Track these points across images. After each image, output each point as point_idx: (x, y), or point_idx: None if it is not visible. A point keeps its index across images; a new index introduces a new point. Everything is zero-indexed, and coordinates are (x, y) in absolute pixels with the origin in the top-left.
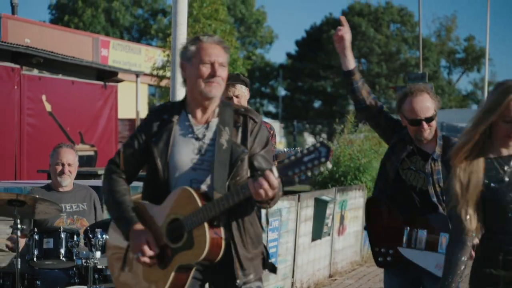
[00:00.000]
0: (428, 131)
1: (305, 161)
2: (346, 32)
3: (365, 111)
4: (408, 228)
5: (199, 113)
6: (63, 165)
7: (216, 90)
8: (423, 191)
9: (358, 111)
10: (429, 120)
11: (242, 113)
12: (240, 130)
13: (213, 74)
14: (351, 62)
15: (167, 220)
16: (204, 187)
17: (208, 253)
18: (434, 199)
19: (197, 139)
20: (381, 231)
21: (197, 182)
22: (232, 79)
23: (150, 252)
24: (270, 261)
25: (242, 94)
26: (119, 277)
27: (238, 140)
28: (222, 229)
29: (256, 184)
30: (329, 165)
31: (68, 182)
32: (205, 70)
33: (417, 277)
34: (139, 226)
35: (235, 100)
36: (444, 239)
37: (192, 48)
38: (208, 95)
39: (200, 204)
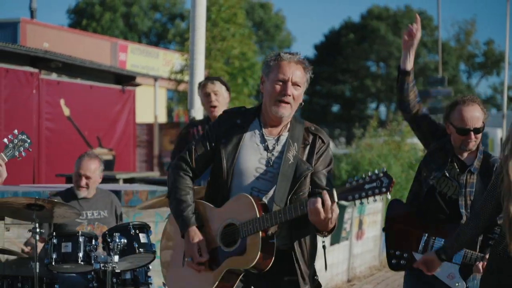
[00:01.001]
0: (473, 143)
1: (365, 188)
2: (418, 30)
3: (408, 114)
4: (427, 235)
5: (271, 125)
6: (80, 176)
7: (285, 110)
8: (452, 199)
9: (401, 110)
10: (477, 131)
11: (312, 132)
12: (308, 148)
13: (284, 93)
14: (411, 63)
15: (224, 224)
16: (264, 198)
17: (258, 262)
18: (462, 210)
19: (266, 149)
20: (398, 233)
21: (257, 190)
22: (213, 78)
23: (200, 259)
24: (317, 277)
25: (220, 92)
26: (169, 268)
27: (304, 157)
28: (275, 241)
29: (313, 202)
30: (389, 196)
31: (84, 194)
32: (277, 88)
33: (430, 283)
34: (194, 230)
35: (213, 96)
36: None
37: (271, 63)
38: (276, 114)
39: (258, 213)
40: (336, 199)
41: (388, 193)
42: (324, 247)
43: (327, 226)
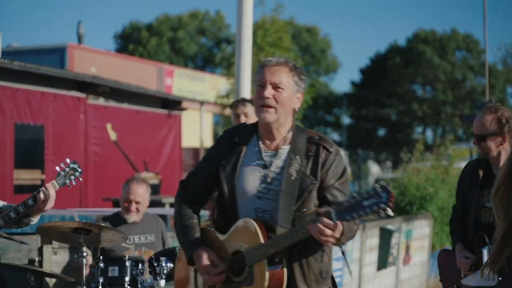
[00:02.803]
0: (482, 150)
1: (364, 206)
2: None
3: None
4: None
5: (268, 138)
6: (130, 202)
7: (268, 114)
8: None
9: None
10: (479, 138)
11: (315, 142)
12: (311, 160)
13: (262, 96)
14: None
15: (230, 252)
16: (268, 218)
17: None
18: None
19: (264, 166)
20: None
21: (262, 211)
22: (245, 100)
23: (217, 270)
24: None
25: (251, 114)
26: None
27: (308, 170)
28: (283, 266)
29: (313, 227)
30: (390, 212)
31: (134, 219)
32: (257, 92)
33: None
34: (202, 249)
35: (243, 118)
36: (485, 251)
37: (257, 71)
38: (261, 120)
39: (262, 239)
40: (334, 219)
41: (387, 208)
42: (343, 252)
43: (338, 242)
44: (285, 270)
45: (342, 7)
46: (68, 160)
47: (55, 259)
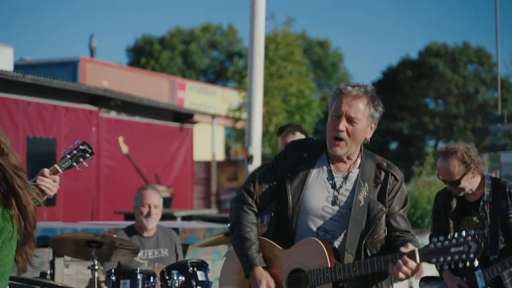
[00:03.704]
0: (459, 191)
1: (451, 252)
2: None
3: None
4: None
5: (339, 160)
6: (149, 206)
7: (339, 148)
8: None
9: None
10: (455, 183)
11: (384, 169)
12: (379, 187)
13: (336, 128)
14: None
15: (290, 268)
16: (332, 239)
17: None
18: (497, 242)
19: (334, 187)
20: None
21: (324, 230)
22: (293, 127)
23: None
24: None
25: None
26: None
27: (376, 196)
28: None
29: (395, 268)
30: (476, 263)
31: (153, 225)
32: (332, 122)
33: None
34: (261, 270)
35: None
36: (478, 275)
37: (333, 96)
38: (331, 152)
39: (329, 263)
40: (418, 261)
41: (475, 260)
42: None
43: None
44: None
45: (354, 20)
46: (78, 142)
47: (67, 272)
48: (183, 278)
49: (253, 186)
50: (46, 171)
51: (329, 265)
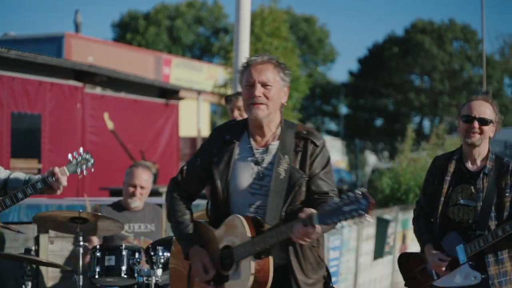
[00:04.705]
0: (478, 135)
1: (345, 211)
2: None
3: None
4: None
5: (258, 135)
6: (135, 187)
7: (259, 111)
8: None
9: None
10: (482, 121)
11: (304, 136)
12: (300, 154)
13: (253, 95)
14: None
15: (221, 246)
16: (264, 215)
17: (253, 286)
18: (487, 218)
19: (256, 163)
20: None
21: (255, 207)
22: (238, 94)
23: (206, 277)
24: (332, 285)
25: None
26: None
27: (297, 165)
28: (270, 262)
29: (293, 234)
30: (369, 219)
31: (137, 204)
32: (247, 92)
33: None
34: (197, 248)
35: (236, 112)
36: (460, 250)
37: (242, 71)
38: (253, 117)
39: (249, 235)
40: (316, 224)
41: (366, 215)
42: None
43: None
44: (270, 259)
45: None
46: (81, 150)
47: (52, 248)
48: (168, 254)
49: (181, 175)
50: (57, 170)
51: (250, 239)
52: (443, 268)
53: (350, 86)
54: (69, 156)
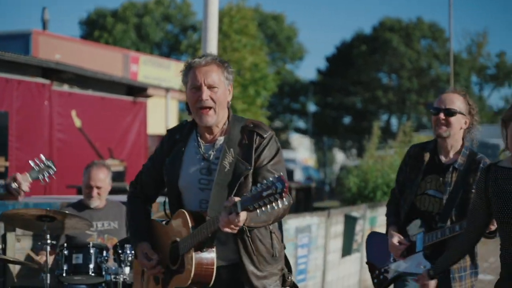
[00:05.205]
0: (444, 127)
1: (264, 196)
2: None
3: None
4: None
5: (206, 132)
6: (91, 188)
7: (209, 117)
8: (436, 214)
9: None
10: (448, 112)
11: (250, 129)
12: (245, 147)
13: (200, 99)
14: None
15: (170, 242)
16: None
17: (195, 278)
18: (450, 211)
19: (204, 159)
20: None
21: (205, 202)
22: None
23: (150, 264)
24: (291, 278)
25: None
26: None
27: (242, 157)
28: (213, 253)
29: (221, 221)
30: (285, 201)
31: (97, 203)
32: (194, 96)
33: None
34: (142, 244)
35: None
36: (420, 237)
37: (186, 73)
38: (203, 124)
39: (191, 229)
40: (239, 211)
41: (283, 198)
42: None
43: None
44: (213, 251)
45: None
46: (43, 157)
47: (19, 246)
48: None
49: (137, 179)
50: (19, 176)
51: (191, 232)
52: (399, 251)
53: (318, 84)
54: (31, 162)
